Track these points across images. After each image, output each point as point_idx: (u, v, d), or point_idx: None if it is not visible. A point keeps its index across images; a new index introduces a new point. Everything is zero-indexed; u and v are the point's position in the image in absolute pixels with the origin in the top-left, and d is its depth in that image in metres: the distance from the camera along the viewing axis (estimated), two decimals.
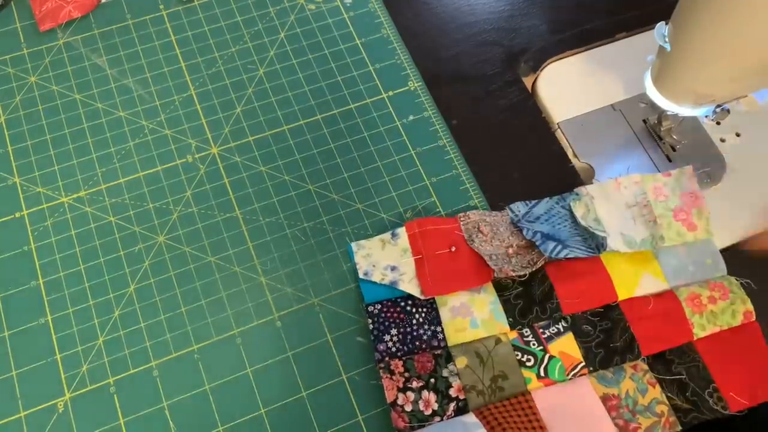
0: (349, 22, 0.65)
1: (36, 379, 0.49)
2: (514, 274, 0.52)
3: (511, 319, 0.51)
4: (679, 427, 0.48)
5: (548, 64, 0.65)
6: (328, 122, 0.60)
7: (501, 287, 0.52)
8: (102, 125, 0.59)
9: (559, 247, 0.52)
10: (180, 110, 0.60)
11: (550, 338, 0.51)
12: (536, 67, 0.64)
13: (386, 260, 0.53)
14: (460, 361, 0.49)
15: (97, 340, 0.51)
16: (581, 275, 0.52)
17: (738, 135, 0.62)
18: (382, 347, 0.50)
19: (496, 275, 0.51)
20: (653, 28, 0.52)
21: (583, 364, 0.50)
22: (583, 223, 0.54)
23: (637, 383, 0.50)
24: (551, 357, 0.50)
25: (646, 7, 0.66)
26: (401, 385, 0.49)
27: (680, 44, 0.49)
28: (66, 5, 0.62)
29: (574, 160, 0.60)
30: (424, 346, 0.50)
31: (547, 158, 0.60)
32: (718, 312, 0.52)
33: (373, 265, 0.53)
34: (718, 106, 0.53)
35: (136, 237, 0.54)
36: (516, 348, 0.50)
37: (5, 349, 0.50)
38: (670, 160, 0.60)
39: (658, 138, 0.61)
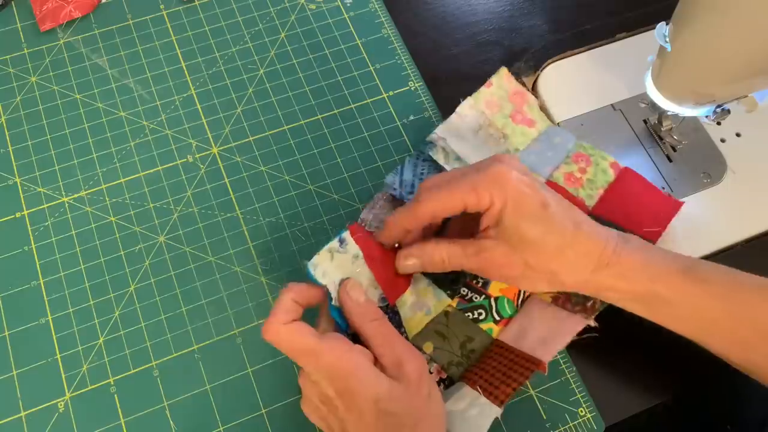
0: (349, 22, 0.65)
1: (36, 378, 0.49)
2: None
3: (448, 291, 0.52)
4: None
5: (548, 64, 0.65)
6: (329, 122, 0.60)
7: None
8: (102, 125, 0.59)
9: None
10: (180, 110, 0.60)
11: (485, 283, 0.52)
12: (536, 67, 0.64)
13: (338, 273, 0.47)
14: (427, 347, 0.50)
15: (97, 340, 0.51)
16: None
17: (738, 135, 0.62)
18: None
19: None
20: (653, 28, 0.52)
21: None
22: (449, 167, 0.55)
23: None
24: (496, 298, 0.52)
25: (646, 7, 0.66)
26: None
27: (681, 44, 0.49)
28: (66, 5, 0.62)
29: None
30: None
31: None
32: (592, 177, 0.56)
33: (334, 282, 0.47)
34: (719, 106, 0.53)
35: (137, 237, 0.54)
36: (464, 310, 0.52)
37: (6, 349, 0.50)
38: (670, 161, 0.60)
39: (659, 138, 0.61)
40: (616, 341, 0.53)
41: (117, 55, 0.62)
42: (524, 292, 0.52)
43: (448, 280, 0.52)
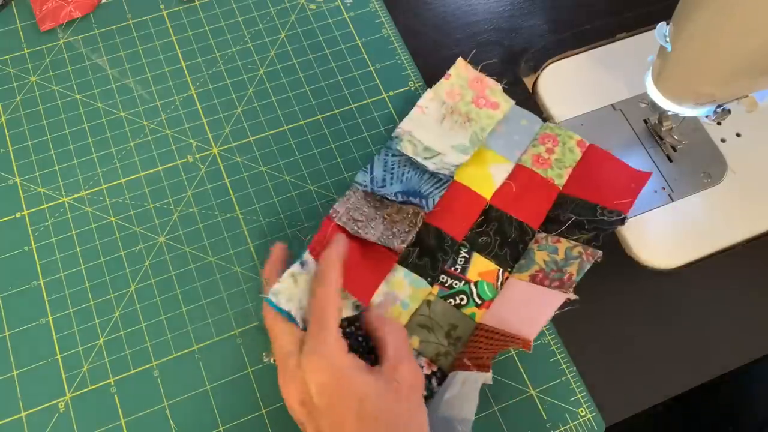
0: (349, 22, 0.65)
1: (37, 379, 0.49)
2: (405, 245, 0.52)
3: (428, 279, 0.52)
4: (599, 252, 0.53)
5: (548, 64, 0.65)
6: (329, 122, 0.60)
7: (401, 257, 0.53)
8: (102, 125, 0.59)
9: (425, 200, 0.54)
10: (180, 110, 0.60)
11: (464, 269, 0.53)
12: (536, 67, 0.64)
13: (304, 294, 0.47)
14: (414, 341, 0.51)
15: (97, 340, 0.51)
16: (448, 202, 0.55)
17: (738, 135, 0.62)
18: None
19: (397, 252, 0.52)
20: (653, 28, 0.52)
21: (501, 269, 0.54)
22: (419, 159, 0.55)
23: (547, 249, 0.54)
24: (476, 283, 0.53)
25: (646, 7, 0.66)
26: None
27: (681, 44, 0.49)
28: (66, 5, 0.62)
29: None
30: (373, 357, 0.47)
31: None
32: (560, 156, 0.57)
33: (301, 308, 0.46)
34: (719, 106, 0.53)
35: (137, 237, 0.54)
36: (446, 297, 0.52)
37: (6, 349, 0.50)
38: (670, 160, 0.60)
39: (659, 138, 0.61)
40: (616, 341, 0.53)
41: (117, 55, 0.62)
42: (503, 273, 0.54)
43: (427, 267, 0.52)
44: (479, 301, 0.52)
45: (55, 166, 0.57)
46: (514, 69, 0.64)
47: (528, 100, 0.62)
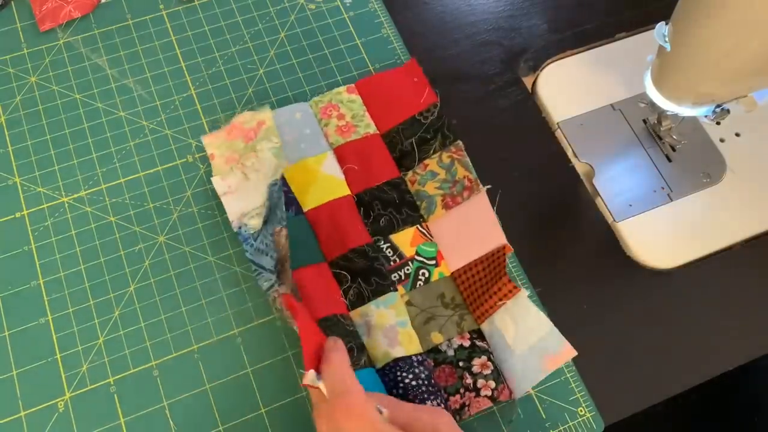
0: (349, 22, 0.65)
1: (36, 378, 0.49)
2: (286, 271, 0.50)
3: (390, 289, 0.52)
4: (459, 141, 0.56)
5: (548, 64, 0.65)
6: None
7: (356, 297, 0.52)
8: (102, 125, 0.59)
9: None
10: (180, 110, 0.60)
11: (399, 254, 0.54)
12: (536, 67, 0.65)
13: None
14: (436, 337, 0.51)
15: (97, 340, 0.51)
16: (329, 226, 0.54)
17: (738, 135, 0.62)
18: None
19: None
20: (653, 28, 0.52)
21: (417, 225, 0.54)
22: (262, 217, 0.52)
23: (428, 178, 0.56)
24: (416, 253, 0.54)
25: (646, 7, 0.67)
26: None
27: (680, 44, 0.49)
28: (66, 5, 0.62)
29: (574, 160, 0.60)
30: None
31: (547, 158, 0.60)
32: (351, 112, 0.58)
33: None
34: (718, 106, 0.53)
35: (137, 237, 0.54)
36: (412, 285, 0.53)
37: (5, 349, 0.50)
38: (670, 160, 0.60)
39: (658, 138, 0.61)
40: (616, 341, 0.53)
41: (117, 55, 0.62)
42: (422, 226, 0.55)
43: (379, 281, 0.52)
44: (432, 262, 0.53)
45: (54, 166, 0.57)
46: (514, 69, 0.64)
47: (527, 100, 0.62)
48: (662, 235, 0.57)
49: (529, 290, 0.53)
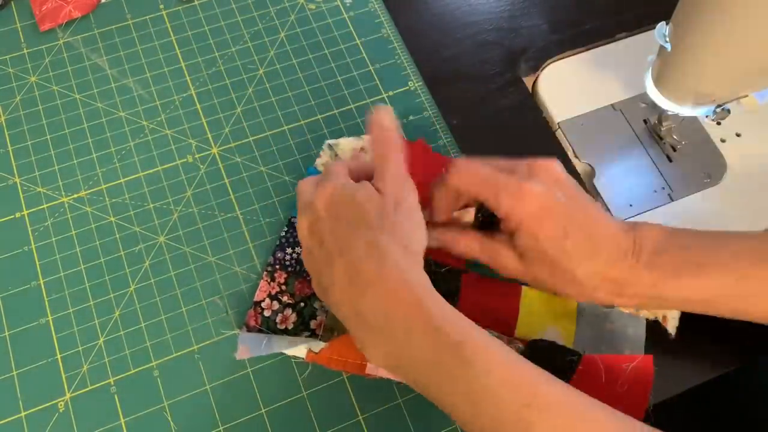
0: (349, 22, 0.65)
1: (36, 379, 0.49)
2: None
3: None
4: None
5: (548, 64, 0.65)
6: (329, 122, 0.60)
7: None
8: (102, 125, 0.59)
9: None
10: (180, 110, 0.60)
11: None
12: (536, 67, 0.64)
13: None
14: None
15: (97, 340, 0.51)
16: (492, 294, 0.51)
17: (738, 135, 0.62)
18: (279, 255, 0.53)
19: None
20: (653, 28, 0.52)
21: None
22: None
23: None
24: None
25: (646, 7, 0.66)
26: (273, 293, 0.52)
27: (681, 44, 0.49)
28: (66, 5, 0.62)
29: (574, 160, 0.60)
30: None
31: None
32: None
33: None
34: (719, 106, 0.53)
35: (137, 237, 0.54)
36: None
37: (5, 349, 0.50)
38: (670, 160, 0.60)
39: (659, 138, 0.61)
40: None
41: (116, 54, 0.62)
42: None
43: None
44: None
45: (54, 166, 0.57)
46: (514, 69, 0.64)
47: (527, 100, 0.62)
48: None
49: None
